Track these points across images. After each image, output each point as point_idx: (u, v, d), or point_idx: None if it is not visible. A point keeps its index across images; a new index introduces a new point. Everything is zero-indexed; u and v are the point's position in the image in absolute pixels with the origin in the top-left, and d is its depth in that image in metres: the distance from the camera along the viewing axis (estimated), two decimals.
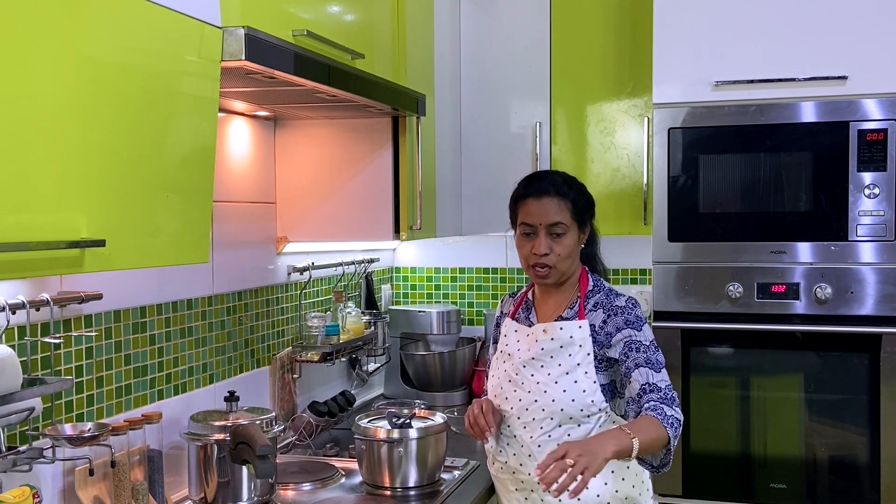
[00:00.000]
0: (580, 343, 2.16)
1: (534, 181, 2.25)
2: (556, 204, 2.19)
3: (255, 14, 1.90)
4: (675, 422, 2.04)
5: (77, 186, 1.46)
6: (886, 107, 2.74)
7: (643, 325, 2.17)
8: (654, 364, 2.12)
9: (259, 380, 2.75)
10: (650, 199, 3.05)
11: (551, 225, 2.18)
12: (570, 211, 2.19)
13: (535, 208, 2.19)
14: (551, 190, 2.20)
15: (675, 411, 2.05)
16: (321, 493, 2.36)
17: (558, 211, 2.18)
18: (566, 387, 2.15)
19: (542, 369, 2.18)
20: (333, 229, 2.86)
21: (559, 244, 2.19)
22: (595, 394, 2.14)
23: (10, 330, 1.80)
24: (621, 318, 2.17)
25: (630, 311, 2.18)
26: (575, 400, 2.14)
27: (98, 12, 1.49)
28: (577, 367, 2.15)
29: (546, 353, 2.18)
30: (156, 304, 2.27)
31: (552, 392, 2.15)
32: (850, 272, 2.78)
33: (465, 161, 3.41)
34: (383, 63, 2.58)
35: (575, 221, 2.21)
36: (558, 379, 2.16)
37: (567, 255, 2.20)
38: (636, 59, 3.19)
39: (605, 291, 2.25)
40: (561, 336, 2.18)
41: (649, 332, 2.18)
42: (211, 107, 1.80)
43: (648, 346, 2.14)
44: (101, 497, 1.99)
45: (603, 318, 2.19)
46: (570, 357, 2.16)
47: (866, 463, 2.79)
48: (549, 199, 2.19)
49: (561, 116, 3.32)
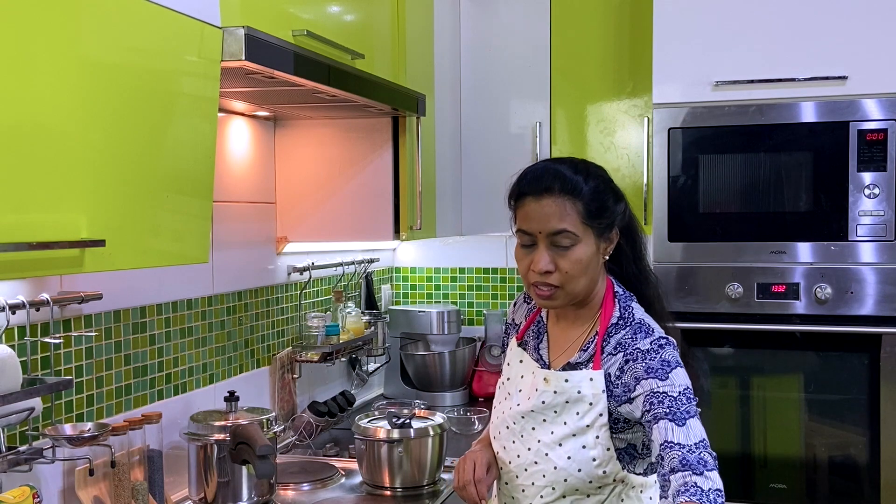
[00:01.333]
0: (591, 400, 1.71)
1: (532, 174, 1.75)
2: (559, 206, 1.69)
3: (255, 14, 1.90)
4: (715, 494, 1.53)
5: (77, 186, 1.46)
6: (886, 107, 2.74)
7: (671, 372, 1.67)
8: (680, 417, 1.62)
9: (259, 380, 2.75)
10: (650, 199, 3.05)
11: (553, 234, 1.69)
12: (580, 214, 1.69)
13: (533, 211, 1.71)
14: (555, 187, 1.70)
15: (711, 480, 1.54)
16: (321, 493, 2.36)
17: (562, 216, 1.69)
18: (571, 453, 1.73)
19: (544, 425, 1.76)
20: (333, 229, 2.86)
21: (566, 258, 1.70)
22: (609, 463, 1.73)
23: (10, 330, 1.80)
24: (641, 366, 1.68)
25: (654, 356, 1.68)
26: (581, 470, 1.72)
27: (98, 12, 1.49)
28: (587, 429, 1.72)
29: (548, 408, 1.75)
30: (156, 304, 2.27)
31: (554, 457, 1.74)
32: (850, 272, 2.78)
33: (465, 161, 3.41)
34: (383, 63, 2.58)
35: (589, 228, 1.71)
36: (563, 441, 1.74)
37: (580, 273, 1.71)
38: (636, 59, 3.19)
39: (634, 326, 1.73)
40: (567, 390, 1.73)
41: (681, 378, 1.67)
42: (211, 107, 1.80)
43: (677, 397, 1.64)
44: (101, 497, 1.99)
45: (621, 364, 1.71)
46: (578, 416, 1.72)
47: (866, 463, 2.79)
48: (552, 200, 1.69)
49: (561, 116, 3.32)
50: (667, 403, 1.63)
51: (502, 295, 3.76)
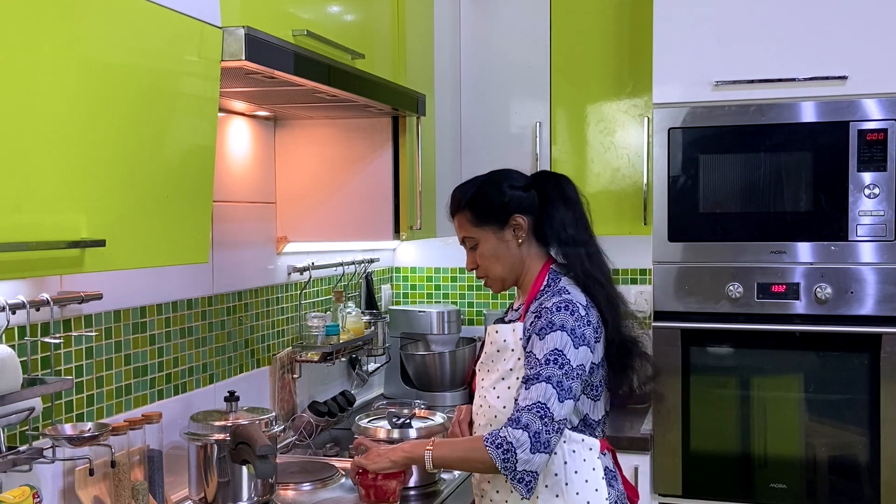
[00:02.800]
0: (513, 347, 2.04)
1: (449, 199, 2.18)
2: (458, 221, 2.13)
3: (255, 14, 1.90)
4: (504, 442, 1.88)
5: (77, 186, 1.46)
6: (886, 107, 2.74)
7: (550, 333, 1.95)
8: (530, 379, 1.93)
9: (259, 380, 2.75)
10: (650, 199, 3.05)
11: (463, 241, 2.15)
12: (469, 221, 2.10)
13: (454, 226, 2.17)
14: (452, 208, 2.15)
15: (509, 432, 1.89)
16: (321, 493, 2.36)
17: (460, 227, 2.13)
18: (500, 393, 2.05)
19: (488, 374, 2.11)
20: (333, 229, 2.86)
21: (479, 255, 2.12)
22: None
23: (10, 330, 1.80)
24: (539, 322, 1.99)
25: (546, 315, 1.98)
26: (507, 406, 2.00)
27: (98, 12, 1.49)
28: (510, 372, 2.03)
29: (489, 358, 2.11)
30: (156, 304, 2.27)
31: (489, 397, 2.07)
32: (850, 272, 2.78)
33: (465, 161, 3.41)
34: (383, 63, 2.58)
35: (482, 227, 2.09)
36: (495, 384, 2.06)
37: (494, 261, 2.10)
38: (636, 59, 3.19)
39: (554, 291, 2.04)
40: (497, 340, 2.09)
41: (556, 340, 1.95)
42: (211, 107, 1.81)
43: (540, 359, 1.94)
44: (101, 497, 1.99)
45: (531, 320, 2.03)
46: (504, 362, 2.05)
47: (866, 463, 2.79)
48: (455, 219, 2.14)
49: (561, 116, 3.32)
50: (530, 365, 1.96)
51: (502, 295, 3.76)
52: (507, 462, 1.88)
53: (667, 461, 2.93)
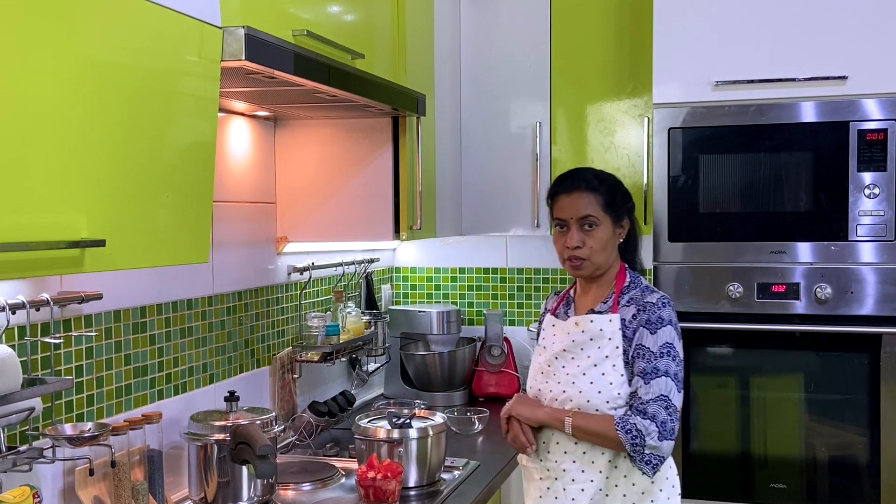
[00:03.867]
0: (609, 336, 2.18)
1: (565, 178, 2.29)
2: (585, 198, 2.22)
3: (255, 14, 1.90)
4: (634, 430, 2.09)
5: (77, 186, 1.46)
6: (886, 107, 2.74)
7: (661, 328, 2.16)
8: (649, 374, 2.13)
9: (259, 380, 2.75)
10: (650, 199, 3.05)
11: (581, 218, 2.21)
12: (600, 204, 2.21)
13: (566, 203, 2.23)
14: (581, 185, 2.23)
15: (640, 420, 2.09)
16: (321, 493, 2.36)
17: (588, 204, 2.21)
18: (593, 378, 2.17)
19: (572, 361, 2.21)
20: (333, 229, 2.86)
21: (591, 237, 2.21)
22: (622, 387, 2.16)
23: (10, 330, 1.80)
24: (645, 317, 2.17)
25: (654, 311, 2.18)
26: (601, 392, 2.16)
27: (98, 12, 1.49)
28: (606, 359, 2.17)
29: (577, 346, 2.21)
30: (156, 304, 2.27)
31: (580, 383, 2.18)
32: (850, 272, 2.78)
33: (465, 161, 3.41)
34: (383, 63, 2.58)
35: (607, 214, 2.22)
36: (586, 371, 2.18)
37: (601, 248, 2.22)
38: (636, 59, 3.19)
39: (642, 288, 2.26)
40: (591, 329, 2.20)
41: (667, 334, 2.16)
42: (211, 107, 1.81)
43: (655, 352, 2.14)
44: (101, 497, 1.99)
45: (633, 312, 2.20)
46: (599, 350, 2.18)
47: (866, 463, 2.79)
48: (580, 194, 2.22)
49: (561, 116, 3.32)
50: (645, 357, 2.14)
51: (502, 295, 3.76)
52: (636, 447, 2.09)
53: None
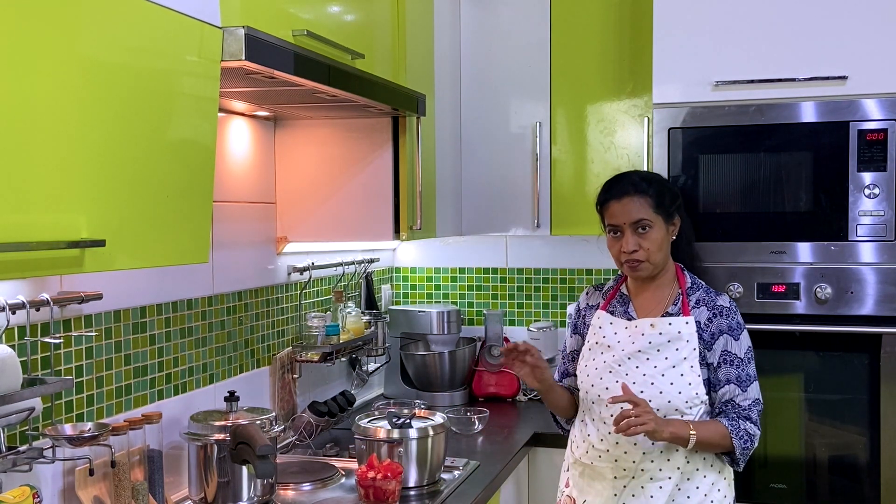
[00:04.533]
0: (687, 338, 2.24)
1: (613, 185, 2.33)
2: (636, 202, 2.26)
3: (255, 14, 1.90)
4: (746, 435, 2.21)
5: (77, 186, 1.46)
6: (886, 107, 2.74)
7: (741, 333, 2.27)
8: (744, 381, 2.24)
9: (259, 380, 2.75)
10: None
11: (635, 223, 2.25)
12: (651, 206, 2.26)
13: (617, 210, 2.28)
14: (630, 190, 2.28)
15: (749, 426, 2.22)
16: (321, 493, 2.36)
17: (639, 208, 2.26)
18: (673, 379, 2.23)
19: (647, 362, 2.25)
20: (333, 229, 2.86)
21: (646, 239, 2.26)
22: (699, 387, 2.23)
23: (10, 330, 1.80)
24: (725, 322, 2.26)
25: (732, 316, 2.27)
26: (682, 392, 2.22)
27: (98, 12, 1.49)
28: (684, 360, 2.23)
29: (653, 347, 2.25)
30: (156, 304, 2.27)
31: (659, 384, 2.23)
32: (850, 272, 2.78)
33: (465, 161, 3.41)
34: (383, 63, 2.58)
35: (659, 215, 2.27)
36: (665, 372, 2.23)
37: (657, 249, 2.27)
38: (636, 59, 3.19)
39: (704, 289, 2.33)
40: (669, 331, 2.25)
41: (746, 338, 2.28)
42: (211, 107, 1.81)
43: (743, 358, 2.25)
44: (101, 497, 2.00)
45: (708, 315, 2.27)
46: (678, 351, 2.24)
47: (866, 463, 2.79)
48: (630, 199, 2.26)
49: (561, 116, 3.32)
50: (735, 364, 2.24)
51: (502, 295, 3.76)
52: (744, 451, 2.22)
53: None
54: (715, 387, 2.26)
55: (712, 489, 2.26)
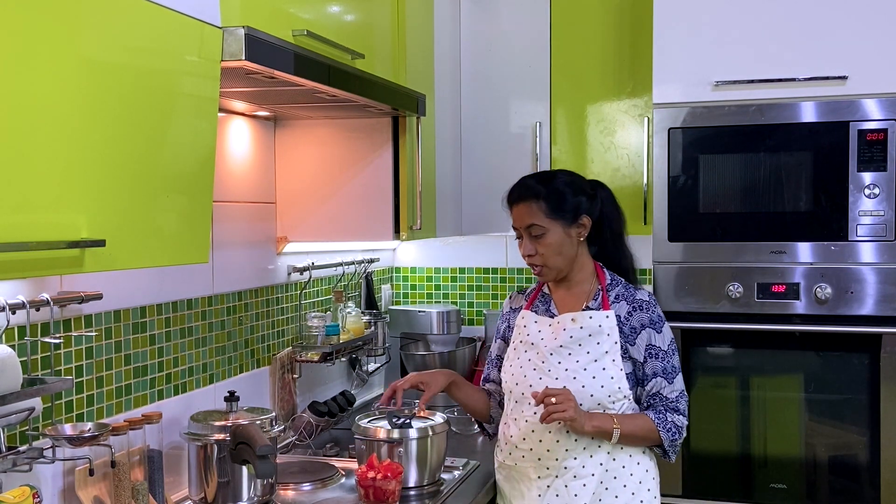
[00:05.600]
0: (608, 332, 2.24)
1: (512, 189, 2.33)
2: (527, 208, 2.26)
3: (255, 14, 1.90)
4: (674, 427, 2.23)
5: (77, 186, 1.46)
6: (886, 107, 2.74)
7: (663, 325, 2.28)
8: (669, 373, 2.25)
9: (259, 380, 2.75)
10: (650, 199, 3.05)
11: (527, 228, 2.27)
12: (543, 211, 2.25)
13: (514, 214, 2.31)
14: (523, 194, 2.28)
15: (677, 417, 2.24)
16: (321, 493, 2.36)
17: (531, 214, 2.26)
18: (595, 373, 2.22)
19: (569, 357, 2.24)
20: (333, 229, 2.85)
21: (541, 244, 2.26)
22: (621, 381, 2.23)
23: (10, 330, 1.80)
24: (646, 316, 2.26)
25: (652, 310, 2.28)
26: (604, 386, 2.21)
27: (98, 12, 1.49)
28: (605, 354, 2.23)
29: (574, 342, 2.25)
30: (156, 304, 2.27)
31: (581, 378, 2.22)
32: (850, 272, 2.78)
33: (465, 161, 3.41)
34: (383, 63, 2.58)
35: (555, 220, 2.25)
36: (587, 366, 2.23)
37: (555, 252, 2.26)
38: (636, 59, 3.19)
39: (624, 285, 2.33)
40: (590, 325, 2.25)
41: (668, 331, 2.28)
42: (211, 107, 1.81)
43: (667, 350, 2.26)
44: (101, 497, 1.99)
45: (627, 309, 2.27)
46: (599, 345, 2.24)
47: (866, 463, 2.79)
48: (522, 205, 2.28)
49: (561, 116, 3.32)
50: (660, 357, 2.25)
51: (502, 295, 3.76)
52: (674, 443, 2.24)
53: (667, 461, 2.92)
54: (642, 382, 2.26)
55: (639, 487, 2.25)
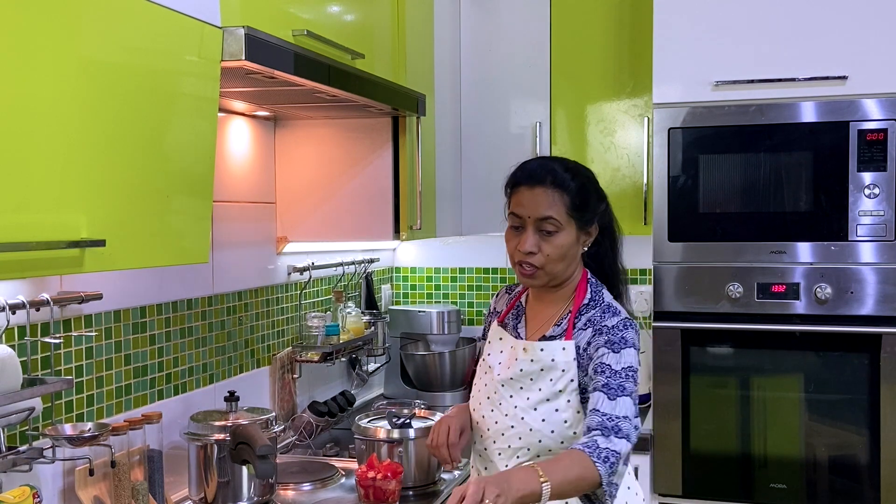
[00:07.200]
0: (563, 367, 1.90)
1: (531, 166, 1.96)
2: (549, 196, 1.89)
3: (255, 14, 1.90)
4: (611, 455, 1.74)
5: (77, 186, 1.46)
6: (886, 107, 2.73)
7: (624, 349, 1.86)
8: (614, 390, 1.81)
9: (259, 380, 2.75)
10: (650, 199, 3.05)
11: (541, 220, 1.89)
12: (566, 205, 1.89)
13: (525, 198, 1.91)
14: (547, 179, 1.90)
15: (612, 442, 1.76)
16: (321, 493, 2.36)
17: (551, 204, 1.89)
18: (546, 415, 1.90)
19: (521, 392, 1.93)
20: (333, 229, 2.86)
21: (549, 243, 1.90)
22: (578, 425, 1.89)
23: (10, 330, 1.80)
24: (604, 338, 1.88)
25: (616, 333, 1.88)
26: (555, 431, 1.89)
27: (98, 12, 1.49)
28: (560, 394, 1.89)
29: (525, 376, 1.93)
30: (156, 304, 2.27)
31: (529, 420, 1.90)
32: (850, 272, 2.78)
33: (465, 161, 3.41)
34: (383, 63, 2.58)
35: (572, 219, 1.91)
36: (538, 405, 1.90)
37: (559, 257, 1.91)
38: (636, 59, 3.19)
39: (603, 307, 1.95)
40: (542, 358, 1.92)
41: (631, 358, 1.86)
42: (211, 107, 1.81)
43: (618, 371, 1.83)
44: (101, 497, 1.99)
45: (589, 337, 1.90)
46: (552, 382, 1.90)
47: (866, 463, 2.79)
48: (543, 190, 1.90)
49: (561, 116, 3.32)
50: (607, 374, 1.83)
51: None
52: (610, 476, 1.75)
53: (667, 461, 2.93)
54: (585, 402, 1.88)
55: None
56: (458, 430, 2.00)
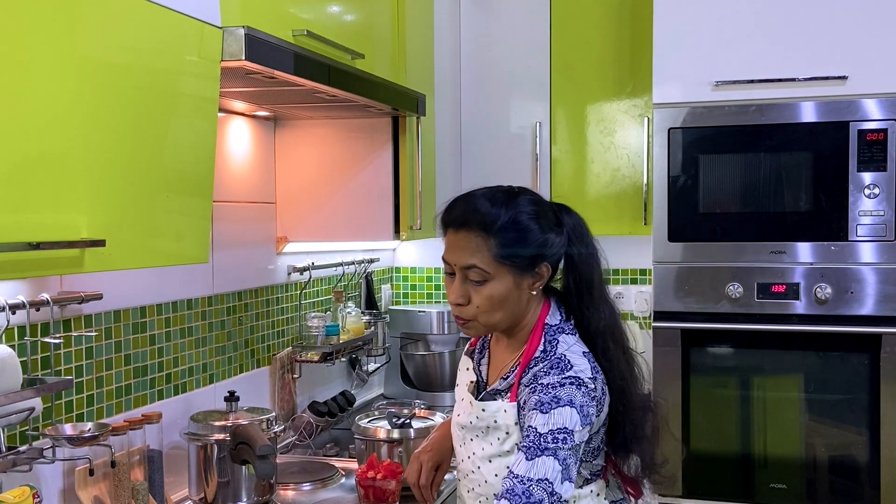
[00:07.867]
0: (507, 430, 1.72)
1: (454, 205, 1.72)
2: (472, 242, 1.66)
3: (255, 14, 1.90)
4: None
5: (77, 186, 1.46)
6: (886, 107, 2.74)
7: (555, 409, 1.62)
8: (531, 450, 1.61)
9: (259, 380, 2.75)
10: (650, 199, 3.05)
11: (465, 269, 1.68)
12: (491, 251, 1.65)
13: (451, 243, 1.70)
14: (471, 221, 1.67)
15: None
16: (321, 493, 2.36)
17: (474, 251, 1.66)
18: (498, 471, 1.73)
19: (476, 440, 1.77)
20: (333, 229, 2.86)
21: (478, 293, 1.68)
22: None
23: (10, 330, 1.80)
24: (535, 399, 1.65)
25: (548, 392, 1.64)
26: None
27: (98, 12, 1.49)
28: (508, 453, 1.72)
29: (476, 428, 1.77)
30: (156, 304, 2.27)
31: (485, 472, 1.75)
32: (850, 272, 2.78)
33: (465, 161, 3.41)
34: (383, 63, 2.58)
35: (503, 265, 1.66)
36: (493, 458, 1.74)
37: (491, 308, 1.69)
38: (636, 59, 3.19)
39: (553, 361, 1.69)
40: (485, 418, 1.74)
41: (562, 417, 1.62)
42: (211, 107, 1.81)
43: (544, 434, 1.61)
44: (101, 497, 1.99)
45: (526, 396, 1.69)
46: (499, 442, 1.73)
47: (866, 463, 2.79)
48: (466, 235, 1.67)
49: (561, 116, 3.32)
50: (530, 438, 1.62)
51: None
52: None
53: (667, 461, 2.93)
54: None
55: None
56: (430, 470, 1.92)
